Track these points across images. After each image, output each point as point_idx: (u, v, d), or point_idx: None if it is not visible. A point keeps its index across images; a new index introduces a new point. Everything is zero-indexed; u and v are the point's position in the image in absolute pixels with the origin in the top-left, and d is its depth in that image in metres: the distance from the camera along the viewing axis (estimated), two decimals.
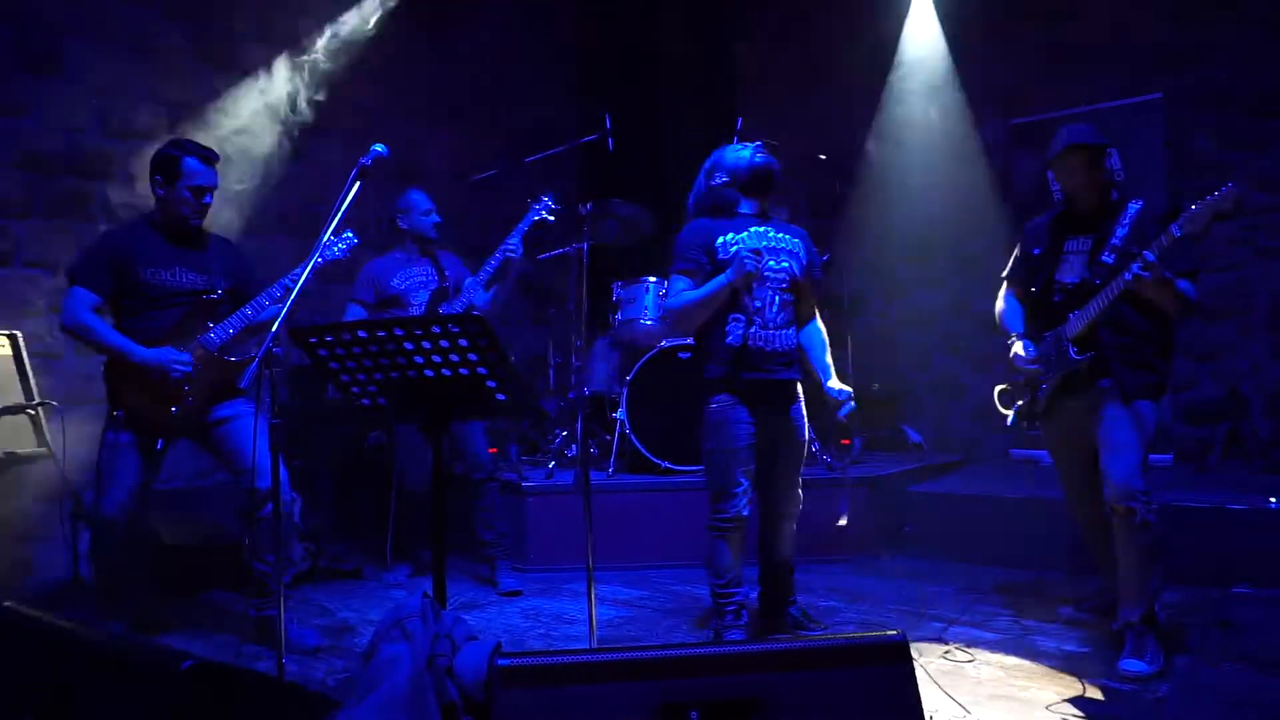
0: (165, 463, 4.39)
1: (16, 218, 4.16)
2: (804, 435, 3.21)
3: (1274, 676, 2.77)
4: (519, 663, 1.61)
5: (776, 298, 3.06)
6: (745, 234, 3.07)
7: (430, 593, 2.02)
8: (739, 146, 3.19)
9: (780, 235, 3.14)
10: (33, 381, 4.04)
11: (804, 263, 3.16)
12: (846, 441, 5.43)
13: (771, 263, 3.04)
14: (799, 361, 3.20)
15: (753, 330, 3.01)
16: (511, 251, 3.94)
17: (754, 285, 3.00)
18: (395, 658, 1.60)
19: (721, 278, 2.97)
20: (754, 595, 3.43)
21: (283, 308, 2.42)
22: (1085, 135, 3.01)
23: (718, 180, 3.15)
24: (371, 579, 4.30)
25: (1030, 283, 3.21)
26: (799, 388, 3.21)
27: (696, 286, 3.06)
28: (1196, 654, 2.96)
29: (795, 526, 3.31)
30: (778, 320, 3.07)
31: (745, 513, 3.07)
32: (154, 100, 4.62)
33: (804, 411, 3.23)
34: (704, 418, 3.10)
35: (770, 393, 3.09)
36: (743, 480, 3.05)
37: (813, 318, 3.30)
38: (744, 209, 3.15)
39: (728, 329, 3.03)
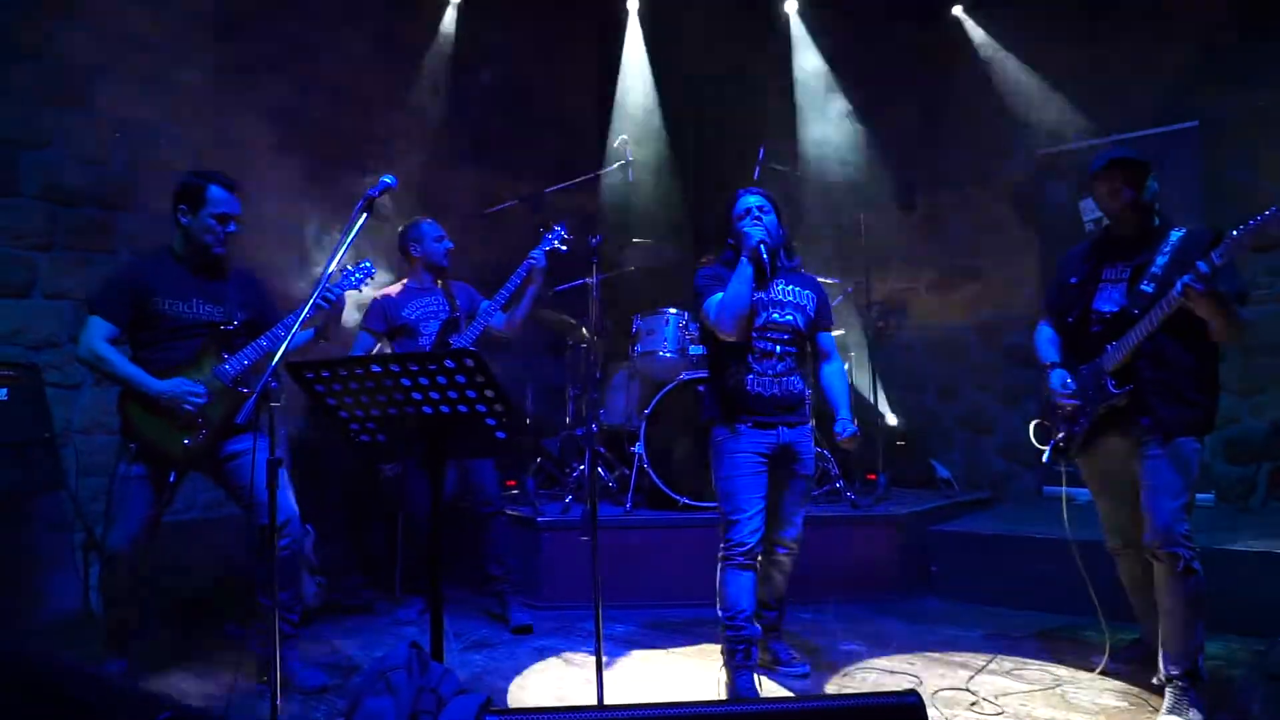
0: (181, 492, 4.39)
1: (38, 249, 4.19)
2: (806, 470, 3.23)
3: None
4: None
5: (778, 348, 3.16)
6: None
7: (424, 639, 1.93)
8: (750, 221, 3.17)
9: (789, 288, 3.23)
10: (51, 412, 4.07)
11: (810, 316, 3.25)
12: (873, 476, 5.29)
13: (776, 316, 3.16)
14: (814, 402, 3.32)
15: (751, 376, 3.12)
16: (535, 261, 3.95)
17: (755, 336, 3.12)
18: (378, 713, 1.52)
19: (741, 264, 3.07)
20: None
21: (283, 341, 2.37)
22: (1130, 152, 2.93)
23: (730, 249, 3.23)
24: (384, 614, 4.23)
25: (1066, 312, 3.08)
26: (807, 427, 3.26)
27: None
28: (1241, 712, 2.78)
29: (791, 563, 3.31)
30: (778, 369, 3.15)
31: (751, 541, 3.06)
32: (177, 132, 4.65)
33: (811, 448, 3.27)
34: (710, 445, 3.20)
35: (773, 436, 3.13)
36: (746, 508, 3.07)
37: (831, 360, 3.37)
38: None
39: (729, 373, 3.15)
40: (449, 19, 6.04)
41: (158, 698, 1.45)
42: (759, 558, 3.15)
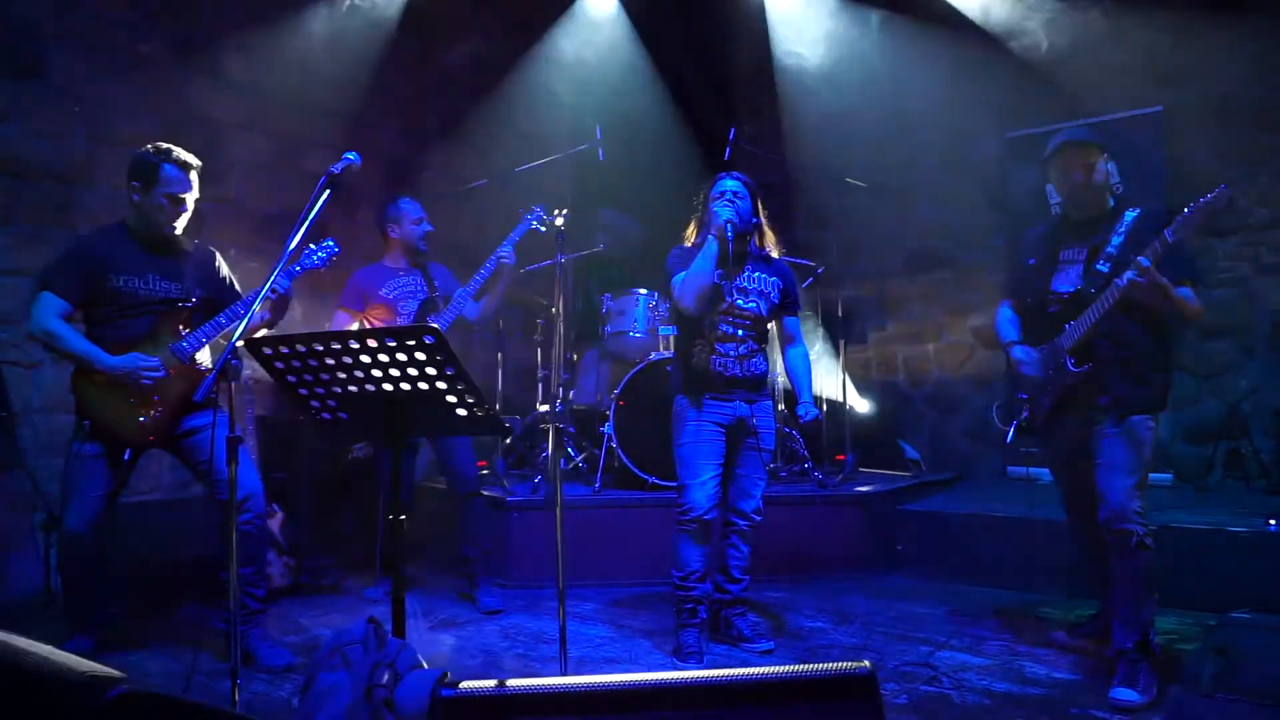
0: (146, 474, 4.34)
1: None
2: (765, 444, 3.34)
3: (1273, 711, 2.66)
4: (463, 693, 1.53)
5: (740, 331, 3.29)
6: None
7: (382, 615, 1.93)
8: (722, 202, 3.27)
9: (756, 275, 3.35)
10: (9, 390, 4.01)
11: (775, 303, 3.38)
12: (841, 457, 5.34)
13: (740, 301, 3.29)
14: (779, 383, 3.39)
15: (714, 357, 3.25)
16: (505, 258, 3.92)
17: (719, 319, 3.25)
18: (334, 687, 1.52)
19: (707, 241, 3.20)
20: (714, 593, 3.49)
21: (243, 319, 2.35)
22: (1080, 134, 2.98)
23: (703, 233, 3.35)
24: (352, 594, 4.23)
25: (1026, 293, 3.14)
26: (766, 403, 3.38)
27: None
28: (1191, 684, 2.85)
29: (751, 535, 3.38)
30: (740, 351, 3.28)
31: (703, 506, 3.20)
32: (138, 107, 4.57)
33: (771, 423, 3.39)
34: (672, 416, 3.34)
35: (730, 409, 3.27)
36: (699, 474, 3.21)
37: (796, 344, 3.51)
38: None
39: (694, 352, 3.28)
40: None
41: (105, 676, 1.43)
42: (721, 527, 3.24)
